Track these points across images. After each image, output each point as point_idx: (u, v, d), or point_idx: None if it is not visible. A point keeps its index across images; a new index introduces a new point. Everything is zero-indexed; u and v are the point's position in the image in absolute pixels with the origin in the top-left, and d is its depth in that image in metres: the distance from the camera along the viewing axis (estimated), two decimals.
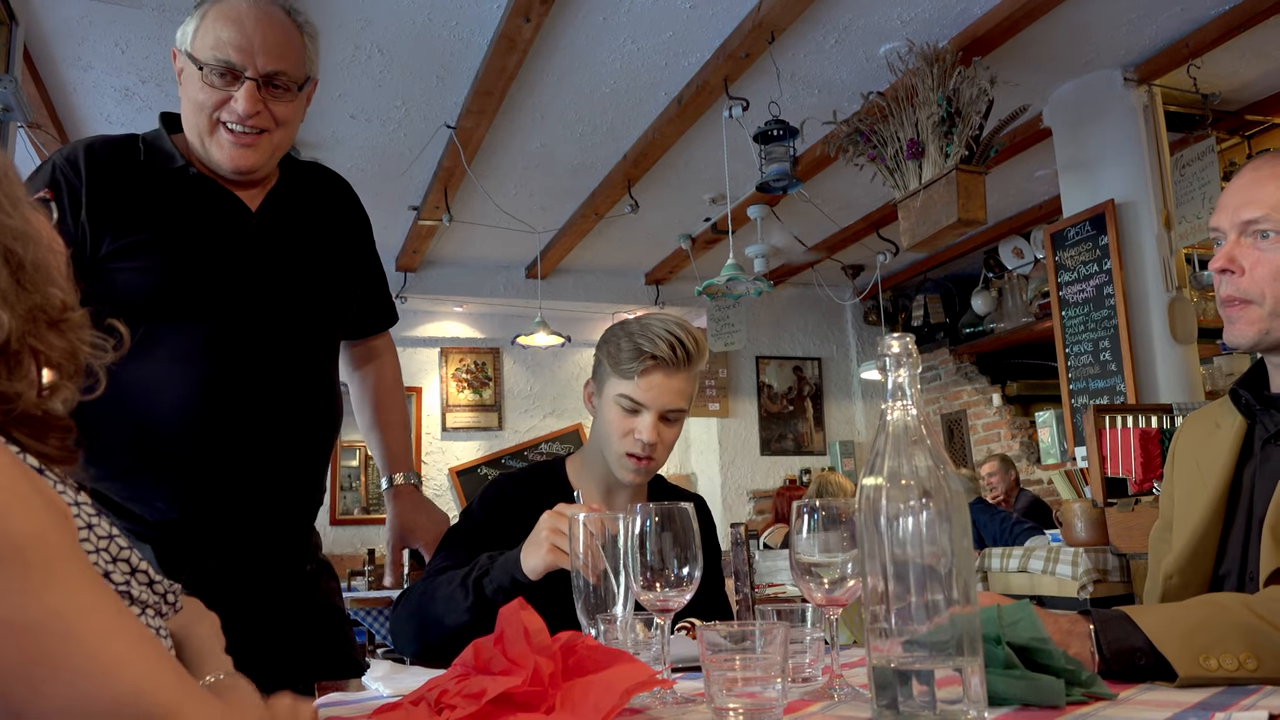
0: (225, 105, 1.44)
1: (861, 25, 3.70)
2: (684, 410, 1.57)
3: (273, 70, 1.45)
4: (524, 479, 1.66)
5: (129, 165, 1.47)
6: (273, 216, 1.55)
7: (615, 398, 1.55)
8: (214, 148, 1.47)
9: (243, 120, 1.44)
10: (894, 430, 0.83)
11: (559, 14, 3.50)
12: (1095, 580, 3.35)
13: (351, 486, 6.83)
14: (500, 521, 1.56)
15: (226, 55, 1.42)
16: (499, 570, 1.36)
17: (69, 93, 3.99)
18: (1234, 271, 1.25)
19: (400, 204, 5.33)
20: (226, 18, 1.44)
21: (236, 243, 1.50)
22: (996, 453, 6.16)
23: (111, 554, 0.78)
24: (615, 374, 1.55)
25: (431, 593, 1.44)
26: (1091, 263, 4.20)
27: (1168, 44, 3.92)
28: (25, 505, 0.66)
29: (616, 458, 1.57)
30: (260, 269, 1.51)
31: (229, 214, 1.51)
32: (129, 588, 0.79)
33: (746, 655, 0.85)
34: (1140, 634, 0.98)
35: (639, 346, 1.52)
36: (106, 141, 1.50)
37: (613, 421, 1.56)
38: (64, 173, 1.43)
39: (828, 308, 7.41)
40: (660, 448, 1.56)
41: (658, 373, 1.52)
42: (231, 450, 1.45)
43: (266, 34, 1.45)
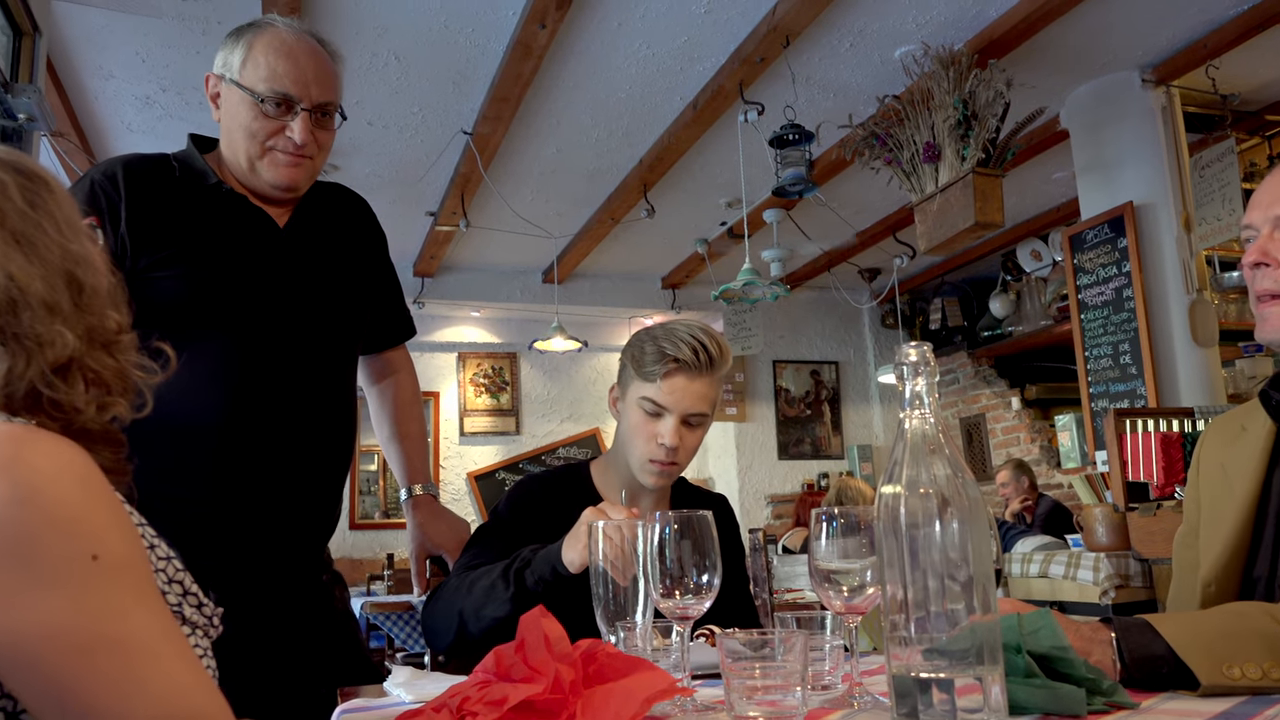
0: (279, 134, 1.51)
1: (876, 29, 3.70)
2: (707, 415, 1.58)
3: (324, 101, 1.53)
4: (551, 481, 1.68)
5: (165, 182, 1.52)
6: (299, 232, 1.60)
7: (638, 401, 1.56)
8: (265, 169, 1.53)
9: (297, 149, 1.51)
10: (912, 438, 0.83)
11: (574, 20, 3.51)
12: (1117, 586, 3.33)
13: (370, 491, 6.87)
14: (527, 522, 1.58)
15: (284, 87, 1.49)
16: (540, 562, 1.38)
17: (90, 100, 4.03)
18: (1268, 264, 1.23)
19: (417, 210, 5.36)
20: (278, 51, 1.50)
21: (266, 256, 1.55)
22: (1014, 457, 6.13)
23: (169, 575, 0.82)
24: (639, 377, 1.57)
25: (469, 585, 1.46)
26: (1111, 265, 4.17)
27: (1186, 45, 3.89)
28: (121, 528, 0.72)
29: (639, 461, 1.58)
30: (288, 281, 1.56)
31: (259, 229, 1.56)
32: (181, 609, 0.82)
33: (766, 663, 0.85)
34: (1162, 642, 0.97)
35: (662, 350, 1.53)
36: (143, 159, 1.55)
37: (636, 425, 1.57)
38: (103, 188, 1.47)
39: (845, 311, 7.39)
40: (682, 452, 1.57)
41: (680, 376, 1.54)
42: (254, 457, 1.48)
43: (318, 67, 1.52)
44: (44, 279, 0.80)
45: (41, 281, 0.80)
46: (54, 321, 0.80)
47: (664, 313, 7.04)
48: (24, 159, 0.87)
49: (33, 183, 0.85)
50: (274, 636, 1.45)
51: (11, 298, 0.78)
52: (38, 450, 0.70)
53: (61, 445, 0.73)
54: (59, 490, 0.69)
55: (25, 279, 0.79)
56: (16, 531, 0.66)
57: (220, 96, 1.55)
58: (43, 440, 0.72)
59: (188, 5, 3.36)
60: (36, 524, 0.67)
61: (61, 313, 0.81)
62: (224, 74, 1.53)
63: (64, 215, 0.85)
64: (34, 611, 0.66)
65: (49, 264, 0.81)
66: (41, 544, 0.67)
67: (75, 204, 0.88)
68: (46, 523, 0.67)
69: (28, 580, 0.66)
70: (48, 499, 0.68)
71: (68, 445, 0.73)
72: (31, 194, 0.84)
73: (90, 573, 0.68)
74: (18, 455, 0.69)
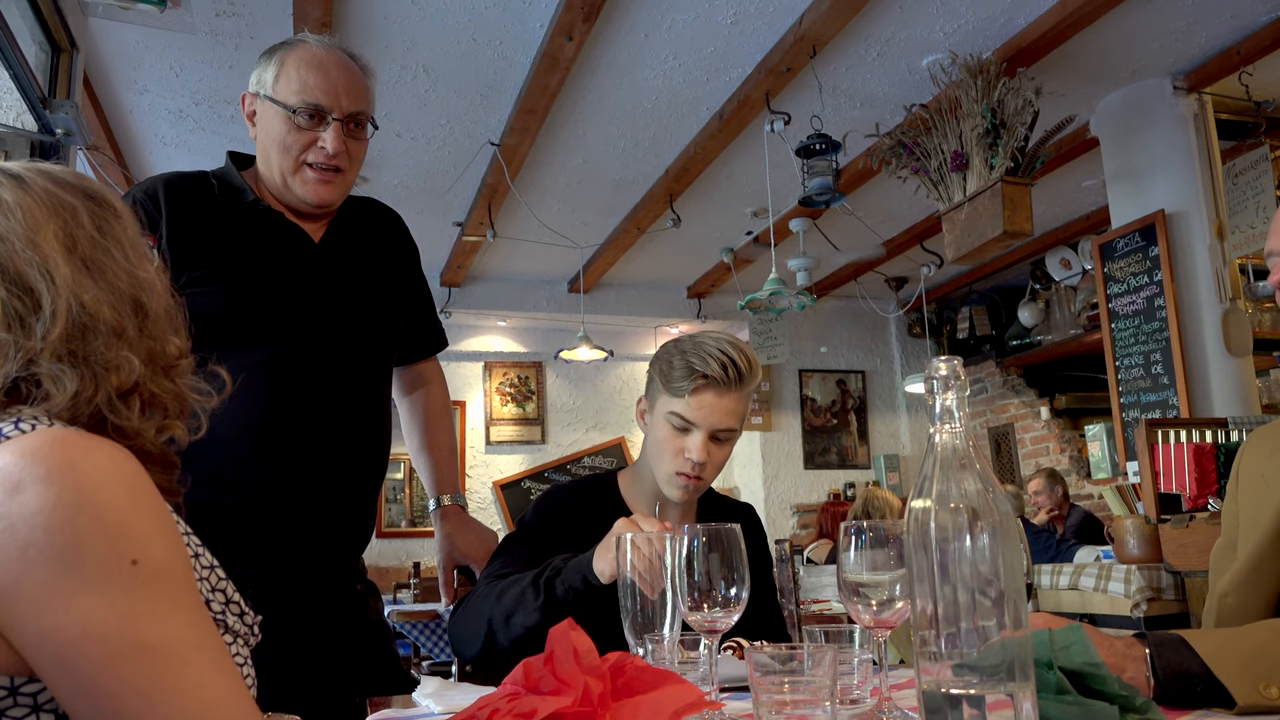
0: (312, 146, 1.54)
1: (904, 38, 3.69)
2: (735, 430, 1.57)
3: (355, 111, 1.56)
4: (579, 491, 1.67)
5: (204, 199, 1.56)
6: (334, 246, 1.63)
7: (666, 415, 1.56)
8: (297, 185, 1.56)
9: (329, 160, 1.54)
10: (942, 453, 0.82)
11: (601, 32, 3.53)
12: (1149, 598, 3.28)
13: (396, 499, 6.91)
14: (555, 532, 1.58)
15: (315, 99, 1.52)
16: (571, 571, 1.37)
17: (125, 114, 4.10)
18: None
19: (445, 220, 5.40)
20: (309, 64, 1.54)
21: (302, 270, 1.58)
22: (1044, 467, 6.06)
23: (211, 584, 0.83)
24: (667, 391, 1.56)
25: (498, 593, 1.45)
26: (1142, 274, 4.13)
27: (1218, 51, 3.85)
28: (165, 535, 0.74)
29: (665, 475, 1.58)
30: (324, 294, 1.59)
31: (295, 244, 1.59)
32: (224, 617, 0.83)
33: (795, 677, 0.85)
34: (1197, 659, 0.96)
35: (691, 365, 1.52)
36: (183, 177, 1.59)
37: (663, 439, 1.57)
38: (145, 206, 1.51)
39: (871, 320, 7.36)
40: (709, 467, 1.56)
41: (709, 392, 1.52)
42: (292, 468, 1.50)
43: (348, 78, 1.56)
44: (112, 305, 0.82)
45: (110, 308, 0.82)
46: (121, 347, 0.82)
47: (689, 322, 7.04)
48: (91, 183, 0.89)
49: (101, 208, 0.87)
50: (308, 644, 1.46)
51: (83, 324, 0.80)
52: (90, 457, 0.72)
53: (113, 452, 0.74)
54: (106, 495, 0.70)
55: (95, 305, 0.81)
56: (64, 534, 0.68)
57: (255, 114, 1.59)
58: (95, 447, 0.74)
59: (221, 21, 3.41)
60: (83, 528, 0.69)
61: (127, 338, 0.83)
62: (258, 91, 1.57)
63: (130, 240, 0.87)
64: (73, 612, 0.68)
65: (117, 290, 0.84)
66: (86, 547, 0.69)
67: (138, 226, 0.90)
68: (92, 527, 0.69)
69: (71, 582, 0.68)
70: (95, 504, 0.70)
71: (119, 452, 0.75)
72: (100, 219, 0.86)
73: (129, 577, 0.70)
74: (71, 461, 0.71)
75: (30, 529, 0.68)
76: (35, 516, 0.68)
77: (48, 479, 0.69)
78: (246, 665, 0.86)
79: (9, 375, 0.78)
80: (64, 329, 0.79)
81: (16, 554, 0.68)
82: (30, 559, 0.68)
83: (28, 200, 0.83)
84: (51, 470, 0.70)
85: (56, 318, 0.79)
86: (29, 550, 0.68)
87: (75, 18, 2.95)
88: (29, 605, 0.68)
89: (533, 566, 1.46)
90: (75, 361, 0.79)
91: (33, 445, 0.71)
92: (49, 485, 0.69)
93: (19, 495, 0.69)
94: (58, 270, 0.81)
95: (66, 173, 0.89)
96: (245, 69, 3.74)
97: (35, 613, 0.68)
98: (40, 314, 0.79)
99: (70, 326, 0.79)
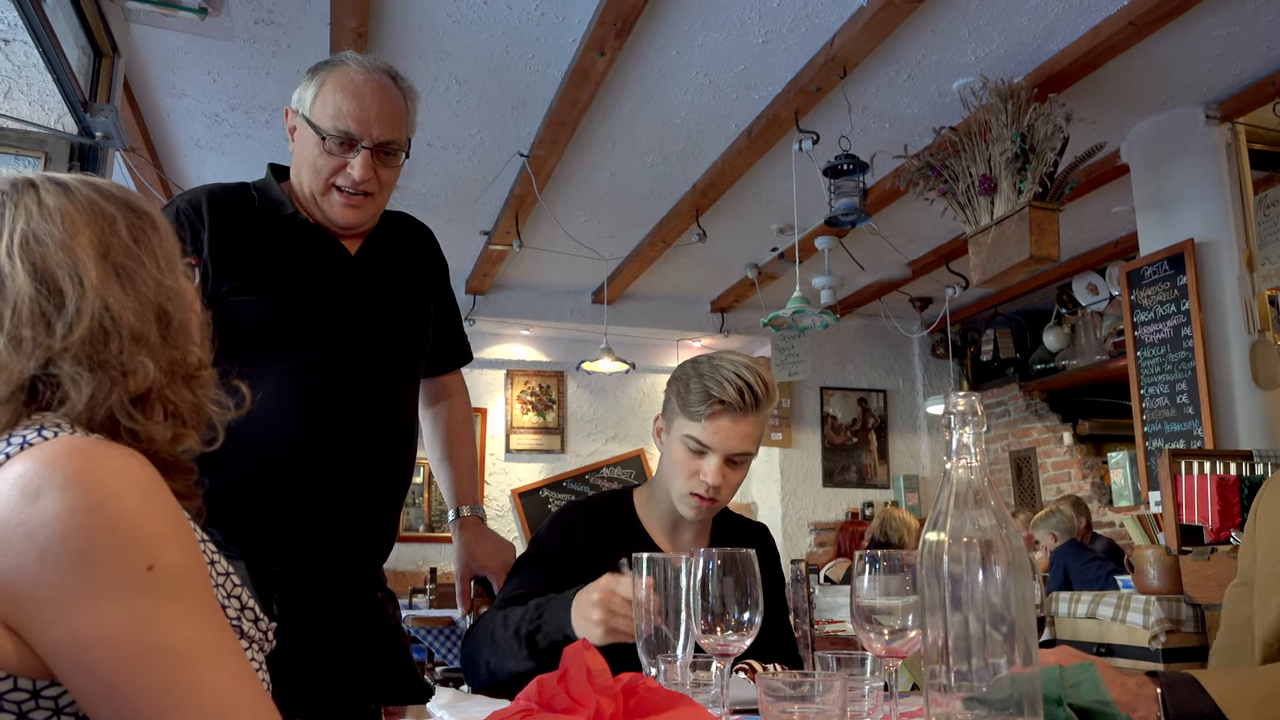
0: (341, 171, 1.56)
1: (935, 61, 3.69)
2: (751, 454, 1.58)
3: (386, 139, 1.58)
4: (594, 510, 1.68)
5: (245, 211, 1.60)
6: (370, 260, 1.66)
7: (682, 438, 1.57)
8: (326, 206, 1.59)
9: (356, 185, 1.56)
10: (958, 487, 0.83)
11: (633, 48, 3.56)
12: (1168, 630, 3.25)
13: (415, 503, 6.94)
14: (570, 552, 1.59)
15: (347, 126, 1.54)
16: (550, 625, 1.35)
17: (162, 118, 4.17)
18: None
19: (472, 229, 5.44)
20: (345, 90, 1.55)
21: (338, 283, 1.61)
22: (1065, 493, 6.01)
23: (227, 590, 0.85)
24: (683, 414, 1.57)
25: (492, 636, 1.45)
26: (1169, 303, 4.10)
27: (1253, 81, 3.83)
28: (180, 541, 0.76)
29: (680, 496, 1.59)
30: (358, 306, 1.62)
31: (332, 257, 1.63)
32: (240, 623, 0.85)
33: (805, 704, 0.86)
34: (1209, 700, 0.96)
35: (707, 390, 1.53)
36: (224, 189, 1.63)
37: (679, 461, 1.58)
38: (188, 216, 1.55)
39: (895, 340, 7.33)
40: (724, 489, 1.57)
41: (725, 418, 1.53)
42: (321, 475, 1.53)
43: (382, 105, 1.57)
44: (136, 311, 0.85)
45: (134, 314, 0.85)
46: (139, 352, 0.84)
47: (712, 336, 7.05)
48: (134, 196, 0.93)
49: (140, 219, 0.90)
50: (328, 649, 1.49)
51: (105, 327, 0.83)
52: (106, 464, 0.74)
53: (128, 459, 0.76)
54: (122, 503, 0.72)
55: (119, 309, 0.84)
56: (81, 541, 0.70)
57: (295, 130, 1.62)
58: (112, 454, 0.76)
59: (259, 29, 3.47)
60: (99, 534, 0.71)
61: (148, 344, 0.85)
62: (298, 109, 1.60)
63: (164, 252, 0.91)
64: (90, 617, 0.70)
65: (143, 297, 0.86)
66: (102, 553, 0.70)
67: (176, 242, 0.94)
68: (108, 533, 0.71)
69: (87, 588, 0.70)
70: (111, 510, 0.72)
71: (134, 459, 0.77)
72: (138, 230, 0.89)
73: (144, 583, 0.71)
74: (87, 468, 0.73)
75: (48, 535, 0.70)
76: (53, 523, 0.70)
77: (65, 486, 0.71)
78: (261, 670, 0.87)
79: (27, 374, 0.80)
80: (86, 331, 0.82)
81: (35, 560, 0.70)
82: (48, 565, 0.70)
83: (69, 206, 0.86)
84: (69, 478, 0.72)
85: (80, 319, 0.82)
86: (46, 556, 0.70)
87: (118, 23, 3.01)
88: (47, 610, 0.70)
89: (548, 588, 1.47)
90: (93, 365, 0.82)
91: (52, 453, 0.74)
92: (66, 492, 0.71)
93: (38, 502, 0.71)
94: (87, 274, 0.83)
95: (113, 186, 0.92)
96: (281, 75, 3.83)
97: (53, 618, 0.70)
98: (64, 314, 0.82)
99: (92, 329, 0.82)
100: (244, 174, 1.75)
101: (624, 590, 1.23)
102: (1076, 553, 4.85)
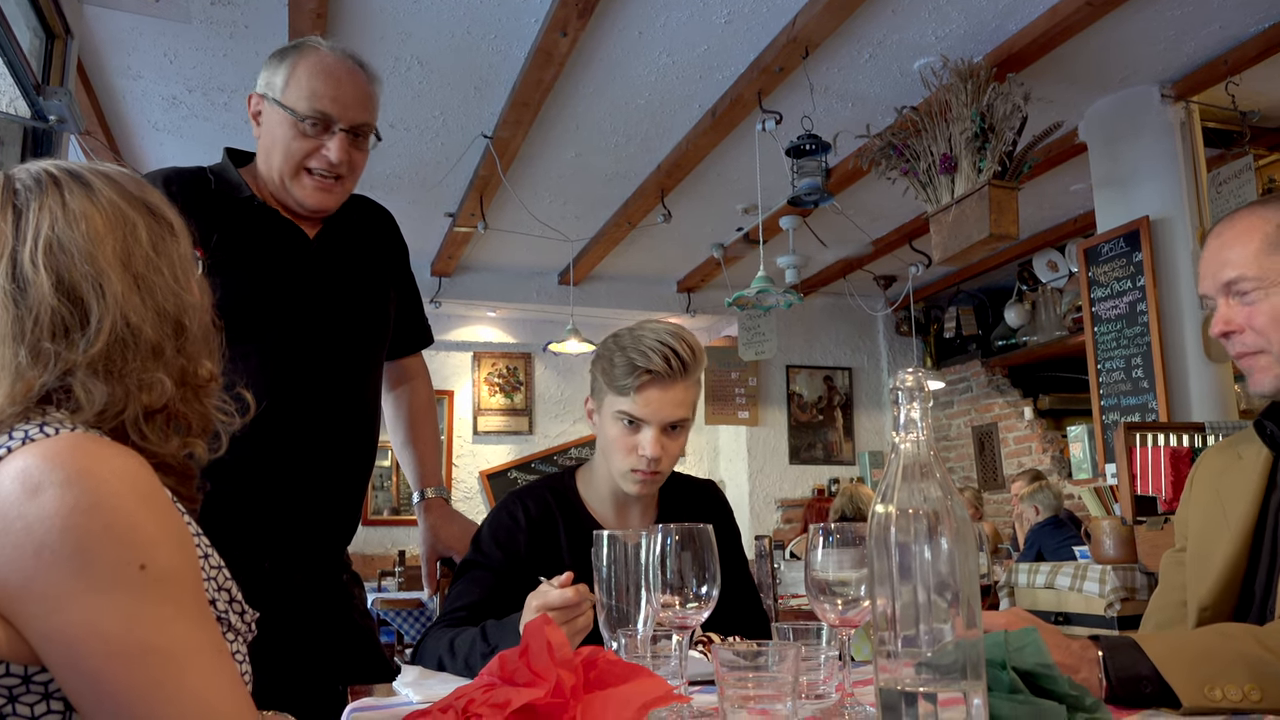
0: (315, 153, 1.57)
1: (896, 40, 3.72)
2: (687, 419, 1.55)
3: (360, 122, 1.59)
4: (531, 500, 1.63)
5: (202, 195, 1.58)
6: (328, 243, 1.67)
7: (614, 414, 1.54)
8: (296, 190, 1.59)
9: (331, 168, 1.57)
10: (905, 461, 0.86)
11: (596, 28, 3.55)
12: (1123, 598, 3.34)
13: (383, 486, 6.93)
14: (511, 551, 1.56)
15: (323, 107, 1.55)
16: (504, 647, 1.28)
17: (118, 100, 4.10)
18: (1236, 331, 1.29)
19: (436, 211, 5.41)
20: (319, 72, 1.56)
21: (297, 267, 1.61)
22: (1025, 467, 6.12)
23: (219, 583, 0.87)
24: (611, 390, 1.54)
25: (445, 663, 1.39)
26: (1125, 279, 4.18)
27: (1206, 61, 3.89)
28: (174, 541, 0.77)
29: (622, 474, 1.56)
30: (318, 291, 1.62)
31: (290, 241, 1.63)
32: (228, 616, 0.86)
33: (759, 673, 0.88)
34: (1147, 661, 1.00)
35: (632, 361, 1.50)
36: (180, 173, 1.61)
37: (614, 438, 1.55)
38: None
39: (859, 318, 7.40)
40: (665, 459, 1.54)
41: (653, 387, 1.50)
42: (285, 459, 1.54)
43: (356, 88, 1.59)
44: (154, 324, 0.85)
45: (152, 326, 0.85)
46: (157, 367, 0.85)
47: (679, 316, 7.08)
48: (152, 195, 0.91)
49: (160, 224, 0.90)
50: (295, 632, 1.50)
51: (124, 340, 0.83)
52: (107, 464, 0.75)
53: (128, 459, 0.77)
54: (119, 502, 0.74)
55: (139, 322, 0.84)
56: (77, 538, 0.71)
57: (261, 115, 1.61)
58: (113, 455, 0.77)
59: (216, 10, 3.42)
60: (95, 532, 0.72)
61: (164, 358, 0.85)
62: (266, 93, 1.59)
63: (180, 258, 0.90)
64: (82, 613, 0.71)
65: (161, 310, 0.86)
66: (96, 551, 0.72)
67: (190, 243, 0.93)
68: (104, 532, 0.72)
69: (81, 584, 0.71)
70: (108, 510, 0.73)
71: (134, 459, 0.78)
72: (158, 236, 0.89)
73: (136, 582, 0.73)
74: (89, 467, 0.74)
75: (46, 530, 0.71)
76: (51, 519, 0.71)
77: (65, 483, 0.72)
78: (245, 662, 0.89)
79: (45, 385, 0.80)
80: (105, 344, 0.82)
81: (31, 554, 0.71)
82: (44, 560, 0.71)
83: (93, 210, 0.85)
84: (70, 475, 0.73)
85: (101, 332, 0.82)
86: (43, 551, 0.71)
87: (70, 4, 2.96)
88: (41, 603, 0.71)
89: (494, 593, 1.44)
90: (110, 377, 0.82)
91: (54, 449, 0.75)
92: (66, 489, 0.72)
93: (38, 497, 0.72)
94: (110, 285, 0.83)
95: (130, 182, 0.91)
96: (239, 57, 3.78)
97: (46, 611, 0.71)
98: (87, 328, 0.82)
99: (112, 342, 0.82)
100: (203, 156, 1.74)
101: (552, 599, 1.20)
102: (1054, 531, 4.95)
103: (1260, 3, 3.51)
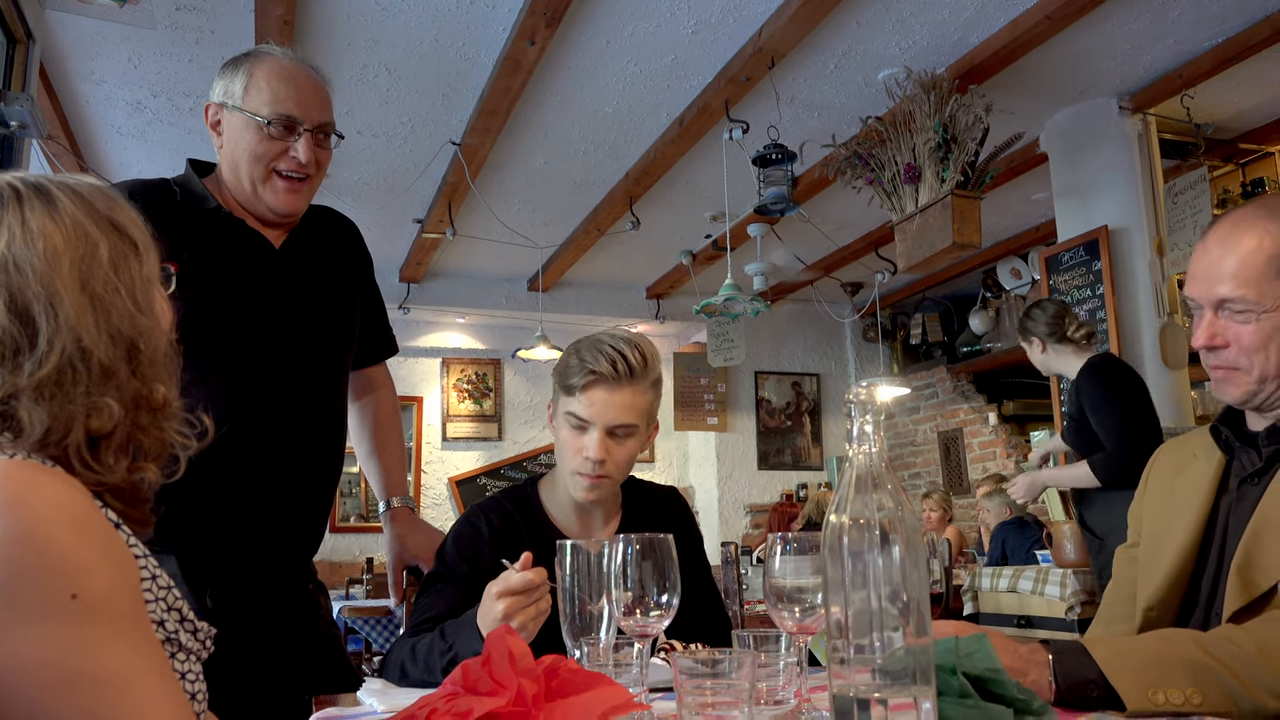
0: (283, 155, 1.58)
1: (861, 52, 3.77)
2: (634, 426, 1.55)
3: (323, 121, 1.62)
4: (495, 511, 1.63)
5: (166, 207, 1.58)
6: (294, 252, 1.67)
7: (564, 415, 1.56)
8: (267, 194, 1.60)
9: (300, 168, 1.59)
10: (858, 472, 0.88)
11: (563, 37, 3.57)
12: (1083, 602, 3.40)
13: (352, 493, 6.89)
14: (475, 563, 1.55)
15: (288, 110, 1.57)
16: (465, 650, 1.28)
17: (81, 105, 4.06)
18: (1221, 347, 1.27)
19: (405, 217, 5.40)
20: (279, 76, 1.58)
21: (263, 275, 1.62)
22: (990, 472, 6.20)
23: (168, 603, 0.85)
24: (563, 392, 1.56)
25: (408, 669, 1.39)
26: (1085, 287, 4.26)
27: (1162, 74, 3.99)
28: (110, 566, 0.75)
29: (569, 476, 1.57)
30: (284, 299, 1.63)
31: (256, 250, 1.63)
32: (178, 635, 0.85)
33: (717, 681, 0.90)
34: (1094, 665, 1.03)
35: (582, 362, 1.52)
36: (144, 185, 1.61)
37: (565, 440, 1.56)
38: None
39: (827, 324, 7.47)
40: (611, 464, 1.54)
41: (599, 388, 1.52)
42: (251, 469, 1.54)
43: (315, 89, 1.62)
44: (107, 347, 0.83)
45: (104, 349, 0.83)
46: (107, 390, 0.83)
47: (648, 322, 7.10)
48: (120, 213, 0.89)
49: (124, 243, 0.88)
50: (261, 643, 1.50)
51: (74, 364, 0.81)
52: (38, 492, 0.73)
53: (60, 486, 0.76)
54: (51, 530, 0.72)
55: (91, 344, 0.82)
56: (8, 568, 0.70)
57: (221, 124, 1.61)
58: (45, 482, 0.75)
59: (181, 15, 3.40)
60: (27, 561, 0.70)
61: (116, 380, 0.84)
62: (225, 101, 1.60)
63: (142, 279, 0.88)
64: (15, 644, 0.69)
65: (116, 332, 0.84)
66: (28, 580, 0.70)
67: (157, 260, 0.91)
68: (35, 561, 0.70)
69: (11, 615, 0.69)
70: (40, 538, 0.71)
71: (67, 485, 0.76)
72: (119, 255, 0.87)
73: (69, 610, 0.71)
74: (19, 496, 0.72)
75: None
76: None
77: None
78: (199, 681, 0.88)
79: None
80: (54, 367, 0.80)
81: None
82: None
83: (53, 228, 0.83)
84: (1, 505, 0.71)
85: (50, 355, 0.80)
86: None
87: (31, 8, 2.93)
88: None
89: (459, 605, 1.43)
90: (55, 401, 0.80)
91: None
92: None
93: None
94: (63, 307, 0.81)
95: (100, 198, 0.89)
96: (204, 62, 3.76)
97: None
98: (35, 350, 0.80)
99: (61, 365, 0.80)
100: (167, 161, 1.74)
101: (513, 582, 1.22)
102: (1018, 530, 5.02)
103: (1213, 18, 3.60)
